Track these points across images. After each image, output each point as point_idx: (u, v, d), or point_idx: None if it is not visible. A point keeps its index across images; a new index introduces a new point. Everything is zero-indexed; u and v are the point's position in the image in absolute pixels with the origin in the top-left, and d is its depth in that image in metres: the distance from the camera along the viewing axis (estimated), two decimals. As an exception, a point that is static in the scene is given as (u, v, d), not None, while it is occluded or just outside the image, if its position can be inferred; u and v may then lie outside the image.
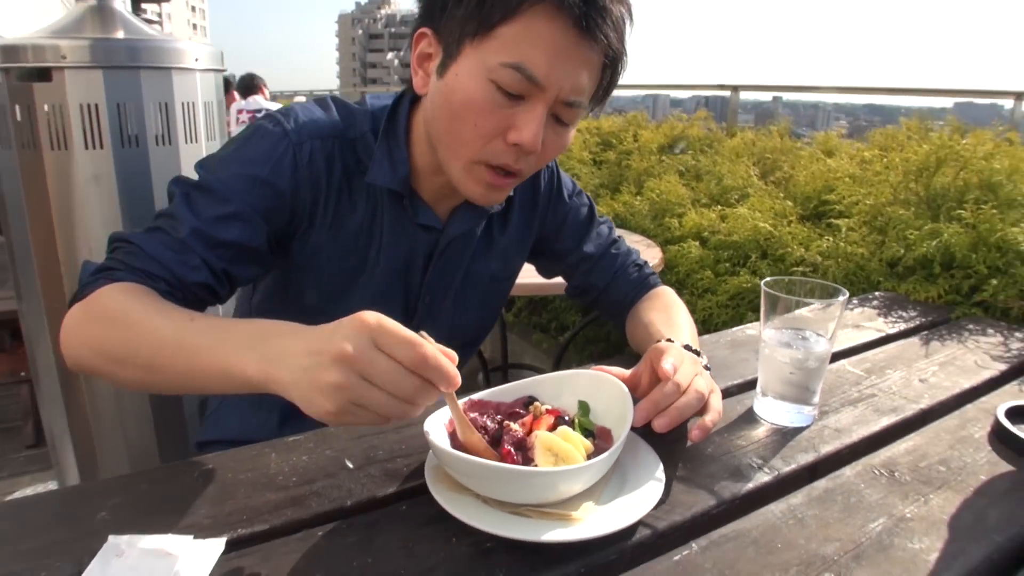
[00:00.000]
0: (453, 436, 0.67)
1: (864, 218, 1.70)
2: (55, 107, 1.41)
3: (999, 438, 0.84)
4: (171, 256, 0.78)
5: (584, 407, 0.73)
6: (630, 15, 0.79)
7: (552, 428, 0.68)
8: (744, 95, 4.67)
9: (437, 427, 0.66)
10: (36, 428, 2.54)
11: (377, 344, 0.55)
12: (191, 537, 0.57)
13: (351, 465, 0.72)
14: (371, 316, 0.56)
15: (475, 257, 1.03)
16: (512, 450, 0.64)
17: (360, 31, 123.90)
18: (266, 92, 5.78)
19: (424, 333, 0.58)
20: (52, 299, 1.53)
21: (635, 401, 0.73)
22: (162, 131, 1.51)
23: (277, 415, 1.04)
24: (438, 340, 1.07)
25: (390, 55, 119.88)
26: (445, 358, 0.57)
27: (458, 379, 0.58)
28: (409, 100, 0.92)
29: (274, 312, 1.00)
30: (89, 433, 1.59)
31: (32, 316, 1.58)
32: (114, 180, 1.47)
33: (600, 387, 0.75)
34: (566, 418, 0.71)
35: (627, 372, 0.81)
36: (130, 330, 0.69)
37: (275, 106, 5.63)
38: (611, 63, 0.80)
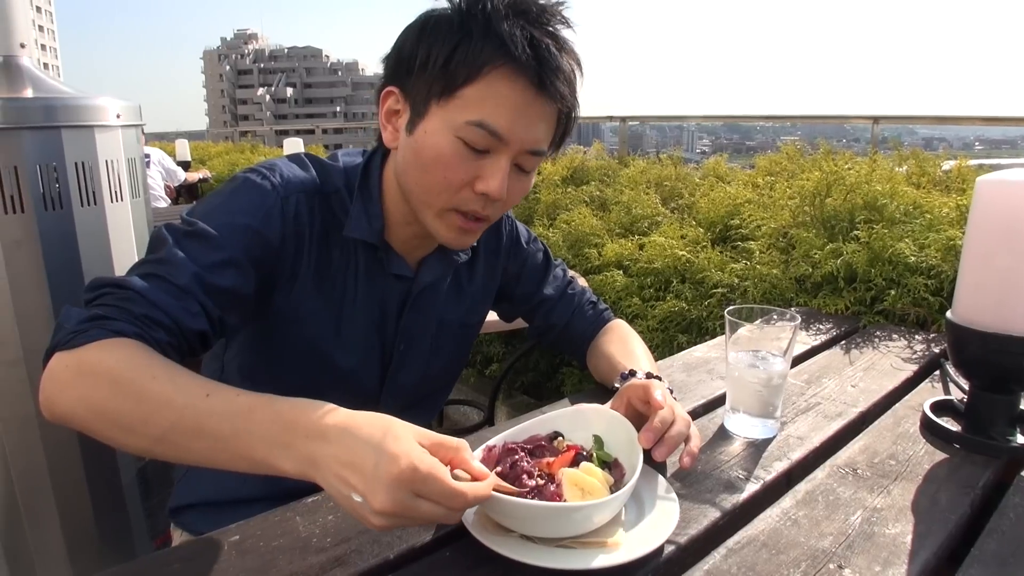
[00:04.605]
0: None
1: (769, 240, 1.88)
2: (-34, 172, 1.32)
3: (929, 430, 0.97)
4: (173, 303, 0.75)
5: (599, 441, 0.79)
6: (579, 67, 0.86)
7: (572, 463, 0.74)
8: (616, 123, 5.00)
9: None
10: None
11: (417, 493, 0.58)
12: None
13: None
14: (405, 464, 0.57)
15: (446, 305, 1.07)
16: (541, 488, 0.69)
17: (228, 67, 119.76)
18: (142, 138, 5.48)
19: (464, 460, 0.63)
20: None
21: None
22: (86, 191, 1.45)
23: None
24: (412, 386, 1.10)
25: (261, 90, 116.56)
26: (480, 486, 0.62)
27: (490, 489, 0.63)
28: (381, 156, 0.96)
29: (253, 367, 0.99)
30: (20, 521, 1.47)
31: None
32: (38, 244, 1.39)
33: (606, 421, 0.82)
34: (584, 453, 0.76)
35: (604, 406, 0.87)
36: (140, 401, 0.65)
37: (151, 151, 5.32)
38: (566, 114, 0.87)
